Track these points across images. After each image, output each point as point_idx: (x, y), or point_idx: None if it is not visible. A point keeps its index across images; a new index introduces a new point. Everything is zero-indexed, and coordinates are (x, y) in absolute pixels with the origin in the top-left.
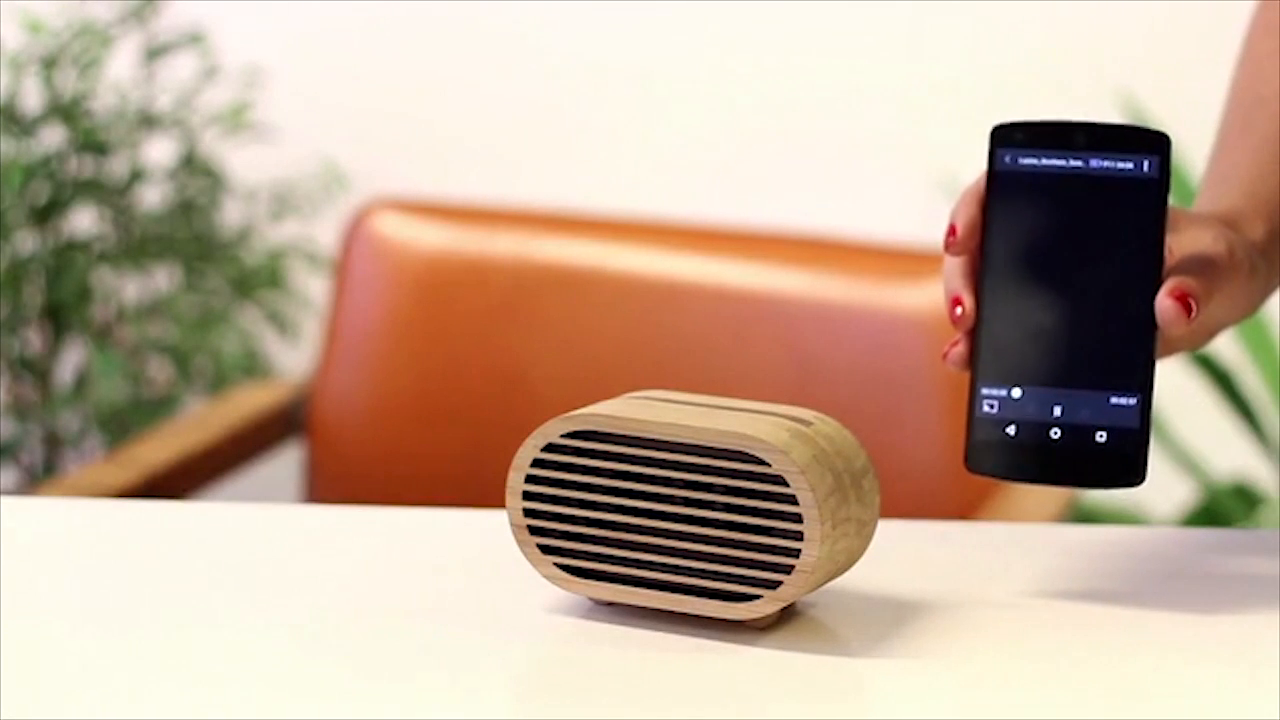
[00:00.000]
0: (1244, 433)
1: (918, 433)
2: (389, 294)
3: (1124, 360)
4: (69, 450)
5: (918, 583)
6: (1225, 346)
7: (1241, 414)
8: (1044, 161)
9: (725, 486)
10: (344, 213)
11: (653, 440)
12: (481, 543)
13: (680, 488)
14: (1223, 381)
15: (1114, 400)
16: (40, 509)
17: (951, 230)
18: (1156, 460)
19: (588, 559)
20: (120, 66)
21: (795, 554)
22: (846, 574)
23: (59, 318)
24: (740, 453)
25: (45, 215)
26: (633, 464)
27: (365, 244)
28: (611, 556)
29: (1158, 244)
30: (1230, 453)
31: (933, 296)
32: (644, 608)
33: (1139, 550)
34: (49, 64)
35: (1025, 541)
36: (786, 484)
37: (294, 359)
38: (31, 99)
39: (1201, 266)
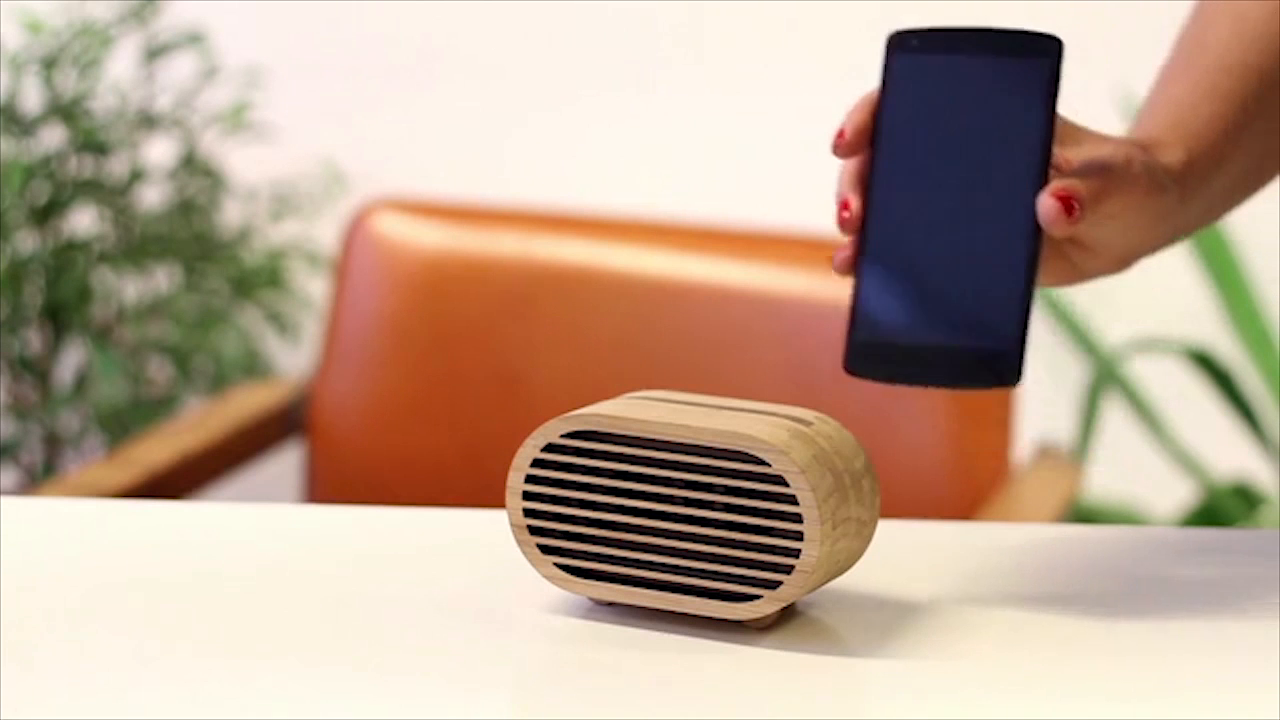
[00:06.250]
0: (1244, 433)
1: (918, 433)
2: (389, 294)
3: (1006, 263)
4: (69, 450)
5: (918, 583)
6: (1225, 346)
7: (1241, 414)
8: (936, 67)
9: (725, 486)
10: (344, 213)
11: (653, 440)
12: (481, 543)
13: (680, 488)
14: (1223, 381)
15: (995, 302)
16: (40, 509)
17: (840, 133)
18: (1157, 460)
19: (588, 559)
20: (120, 66)
21: (795, 554)
22: (846, 574)
23: (59, 318)
24: (740, 453)
25: (45, 215)
26: (633, 464)
27: (365, 244)
28: (611, 556)
29: (1045, 147)
30: (1230, 453)
31: None
32: (644, 608)
33: (1139, 550)
34: (49, 64)
35: (1025, 541)
36: (786, 484)
37: (294, 359)
38: (31, 99)
39: (1093, 171)
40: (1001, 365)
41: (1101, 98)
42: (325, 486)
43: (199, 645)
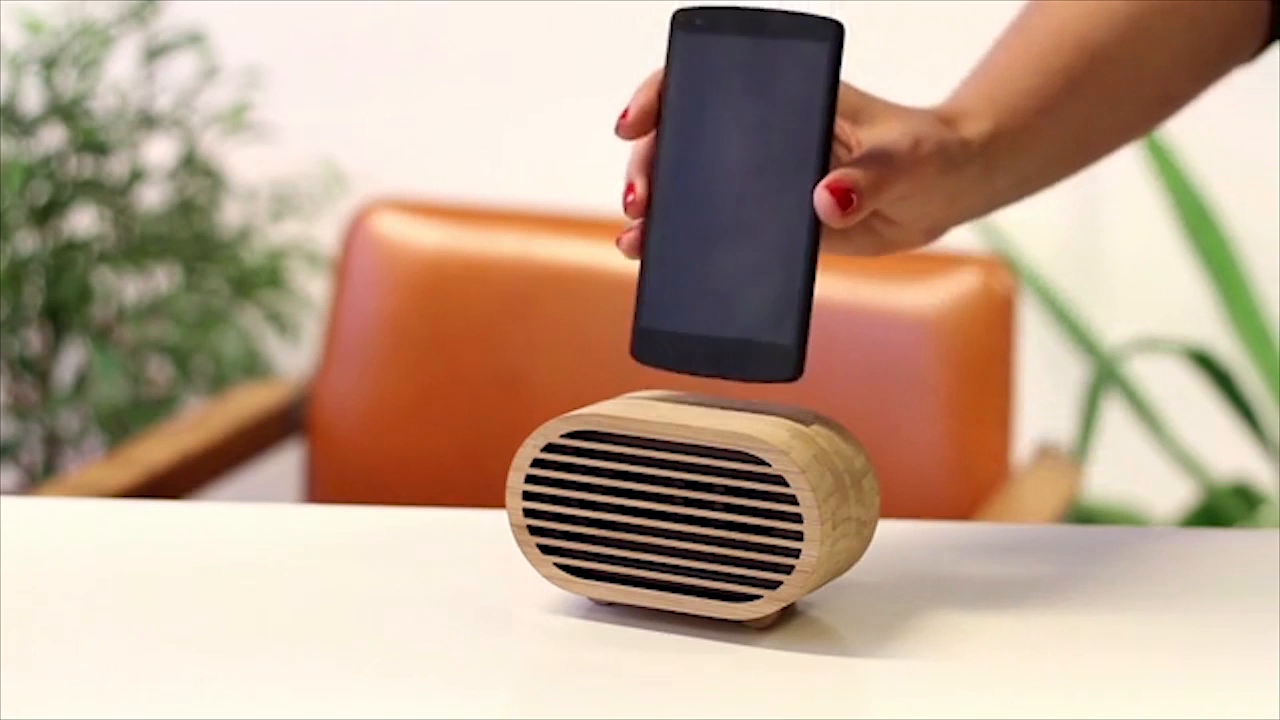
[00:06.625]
0: (1244, 433)
1: (918, 433)
2: (389, 294)
3: (786, 254)
4: (69, 450)
5: (918, 583)
6: (1225, 346)
7: (1241, 414)
8: (718, 47)
9: (725, 486)
10: (344, 213)
11: (653, 440)
12: (481, 543)
13: (680, 488)
14: (1223, 381)
15: (776, 294)
16: (40, 509)
17: (623, 113)
18: (1157, 460)
19: (588, 559)
20: (120, 66)
21: (795, 554)
22: (846, 574)
23: (59, 318)
24: (740, 453)
25: (45, 215)
26: (633, 464)
27: (365, 244)
28: (611, 556)
29: (825, 134)
30: (1230, 453)
31: (934, 296)
32: (644, 608)
33: (1139, 550)
34: (49, 64)
35: (1025, 541)
36: (786, 484)
37: (294, 359)
38: (31, 99)
39: (875, 160)
40: (780, 360)
41: None
42: (325, 486)
43: (199, 645)
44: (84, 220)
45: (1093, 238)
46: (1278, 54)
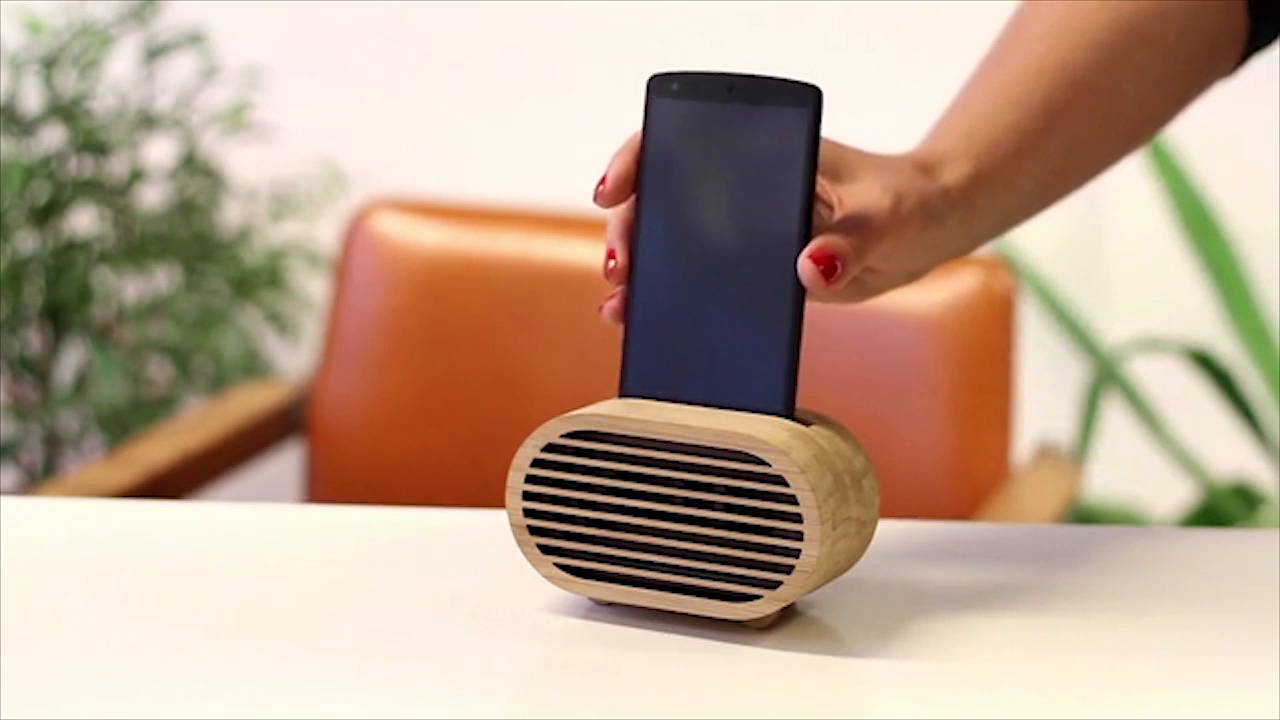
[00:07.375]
0: (1244, 433)
1: (918, 433)
2: (389, 294)
3: (770, 321)
4: (69, 450)
5: (918, 583)
6: (1225, 346)
7: (1241, 414)
8: (695, 113)
9: (725, 486)
10: (344, 213)
11: (653, 440)
12: (481, 543)
13: (680, 488)
14: (1223, 381)
15: (760, 362)
16: (40, 509)
17: (601, 180)
18: (1157, 460)
19: (588, 559)
20: (120, 66)
21: (795, 554)
22: (846, 574)
23: (59, 318)
24: (740, 453)
25: (45, 215)
26: (633, 464)
27: (365, 244)
28: (611, 556)
29: (807, 200)
30: (1230, 453)
31: (934, 296)
32: (644, 608)
33: (1139, 550)
34: (49, 64)
35: (1025, 541)
36: (786, 484)
37: (294, 359)
38: (31, 99)
39: (856, 224)
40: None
41: None
42: (325, 486)
43: (198, 645)
44: (84, 220)
45: (1093, 238)
46: (1277, 56)
